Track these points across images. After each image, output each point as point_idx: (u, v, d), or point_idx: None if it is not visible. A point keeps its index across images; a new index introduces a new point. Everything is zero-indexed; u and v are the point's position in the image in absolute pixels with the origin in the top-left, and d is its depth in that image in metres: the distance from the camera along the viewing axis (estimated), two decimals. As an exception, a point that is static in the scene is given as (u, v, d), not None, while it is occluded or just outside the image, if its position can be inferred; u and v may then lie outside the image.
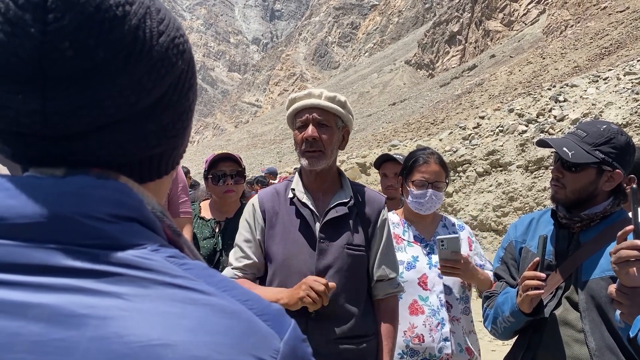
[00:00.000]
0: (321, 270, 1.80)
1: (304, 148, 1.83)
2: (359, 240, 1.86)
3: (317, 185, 1.90)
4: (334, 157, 1.88)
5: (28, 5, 0.43)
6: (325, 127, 1.83)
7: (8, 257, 0.43)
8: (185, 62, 0.53)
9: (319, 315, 1.75)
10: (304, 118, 1.83)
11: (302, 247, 1.83)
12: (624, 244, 1.43)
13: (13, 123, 0.46)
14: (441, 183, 2.31)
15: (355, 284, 1.84)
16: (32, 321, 0.41)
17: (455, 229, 2.38)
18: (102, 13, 0.45)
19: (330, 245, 1.83)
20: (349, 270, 1.82)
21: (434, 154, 2.36)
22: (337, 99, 1.85)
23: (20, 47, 0.43)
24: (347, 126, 1.91)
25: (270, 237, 1.88)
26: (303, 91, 1.90)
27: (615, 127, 1.72)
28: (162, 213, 0.53)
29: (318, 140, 1.81)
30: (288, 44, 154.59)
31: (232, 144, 73.14)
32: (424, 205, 2.30)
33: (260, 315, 0.47)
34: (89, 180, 0.48)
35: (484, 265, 2.31)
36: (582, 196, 1.71)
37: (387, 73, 78.44)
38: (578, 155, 1.67)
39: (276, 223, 1.88)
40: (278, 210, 1.90)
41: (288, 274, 1.81)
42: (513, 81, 31.54)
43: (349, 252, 1.83)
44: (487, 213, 10.56)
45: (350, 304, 1.81)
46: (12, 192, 0.45)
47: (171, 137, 0.54)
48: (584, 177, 1.69)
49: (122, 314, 0.42)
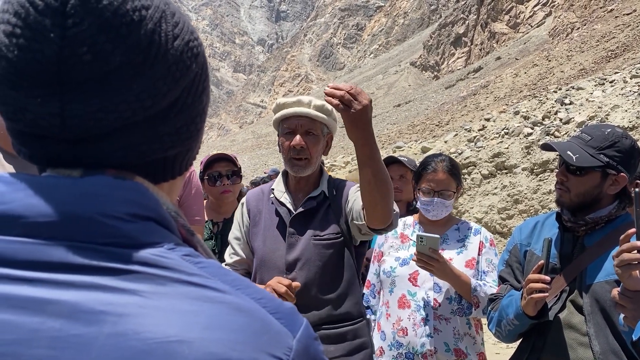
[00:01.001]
0: (290, 262, 1.88)
1: (291, 155, 1.89)
2: (330, 230, 1.90)
3: (300, 187, 1.99)
4: (318, 163, 1.95)
5: (48, 11, 0.44)
6: (312, 135, 1.89)
7: (29, 255, 0.44)
8: (199, 65, 0.54)
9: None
10: (292, 125, 1.89)
11: (279, 243, 1.92)
12: (626, 246, 1.43)
13: (32, 125, 0.47)
14: (448, 192, 2.33)
15: (328, 274, 1.88)
16: (51, 317, 0.41)
17: (467, 232, 2.39)
18: (120, 18, 0.46)
19: (298, 239, 1.90)
20: (319, 261, 1.87)
21: (444, 161, 2.37)
22: (324, 108, 1.88)
23: (40, 51, 0.44)
24: (331, 132, 1.98)
25: (254, 234, 2.00)
26: (292, 98, 1.93)
27: (620, 131, 1.73)
28: (177, 213, 0.54)
29: (305, 149, 1.87)
30: (293, 45, 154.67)
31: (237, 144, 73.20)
32: (430, 212, 2.35)
33: (273, 313, 0.48)
34: (107, 181, 0.48)
35: (487, 272, 2.30)
36: (587, 200, 1.71)
37: (392, 74, 78.36)
38: (582, 158, 1.67)
39: (259, 221, 2.00)
40: (261, 208, 2.01)
41: (266, 269, 1.92)
42: (519, 83, 31.45)
43: (316, 243, 1.88)
44: (492, 215, 10.54)
45: (322, 294, 1.87)
46: (32, 191, 0.46)
47: (185, 139, 0.55)
48: (589, 181, 1.70)
49: (140, 311, 0.43)
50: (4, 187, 0.47)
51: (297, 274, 1.87)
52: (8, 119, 0.49)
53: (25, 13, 0.45)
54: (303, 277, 1.86)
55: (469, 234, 2.38)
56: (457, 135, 14.18)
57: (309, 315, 1.81)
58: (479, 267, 2.31)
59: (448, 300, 2.25)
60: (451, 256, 2.29)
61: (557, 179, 1.78)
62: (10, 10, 0.46)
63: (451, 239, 2.38)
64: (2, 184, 0.47)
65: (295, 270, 1.88)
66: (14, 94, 0.46)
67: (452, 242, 2.37)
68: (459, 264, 2.26)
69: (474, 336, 2.27)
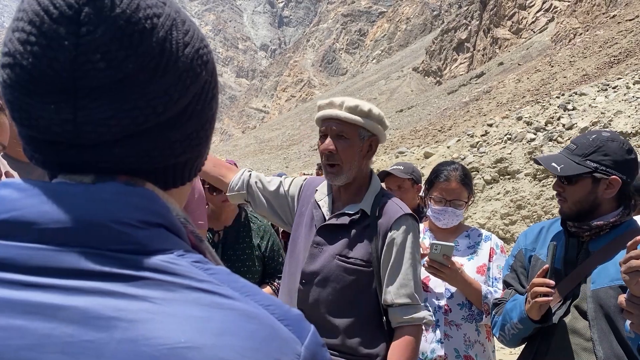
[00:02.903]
0: (307, 274, 1.76)
1: (323, 160, 1.79)
2: (359, 254, 1.73)
3: (339, 195, 1.85)
4: (355, 169, 1.78)
5: (62, 19, 0.45)
6: (344, 139, 1.75)
7: (41, 261, 0.45)
8: (208, 73, 0.55)
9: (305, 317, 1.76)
10: (323, 128, 1.78)
11: (301, 246, 1.82)
12: (634, 253, 1.43)
13: (46, 131, 0.48)
14: (460, 201, 2.32)
15: (344, 298, 1.72)
16: (63, 323, 0.42)
17: (478, 239, 2.39)
18: (132, 26, 0.47)
19: (322, 251, 1.77)
20: (336, 282, 1.72)
21: (457, 170, 2.35)
22: (359, 109, 1.73)
23: (55, 59, 0.45)
24: (375, 135, 1.80)
25: (296, 224, 1.89)
26: (326, 99, 1.82)
27: (606, 135, 1.73)
28: (186, 219, 0.55)
29: (334, 153, 1.74)
30: (296, 51, 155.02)
31: (239, 149, 73.26)
32: (441, 220, 2.34)
33: (281, 320, 0.48)
34: (118, 187, 0.49)
35: (498, 278, 2.29)
36: (585, 207, 1.73)
37: (395, 80, 78.43)
38: (567, 168, 1.71)
39: (304, 212, 1.88)
40: (309, 203, 1.89)
41: (292, 267, 1.84)
42: (521, 89, 31.45)
43: (339, 263, 1.73)
44: (494, 221, 10.52)
45: (333, 316, 1.72)
46: (45, 198, 0.47)
47: (195, 146, 0.56)
48: (581, 188, 1.72)
49: (150, 316, 0.43)
50: (17, 194, 0.48)
51: (310, 287, 1.76)
52: (22, 125, 0.50)
53: (40, 21, 0.46)
54: (317, 293, 1.74)
55: (479, 241, 2.38)
56: (460, 140, 14.19)
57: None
58: (489, 273, 2.30)
59: (459, 307, 2.24)
60: (462, 263, 2.29)
61: (554, 190, 1.81)
62: (24, 18, 0.47)
63: (461, 246, 2.37)
64: (15, 190, 0.48)
65: (311, 284, 1.76)
66: (28, 100, 0.47)
67: (463, 248, 2.36)
68: (470, 271, 2.26)
69: (484, 343, 2.27)
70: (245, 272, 2.59)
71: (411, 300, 1.72)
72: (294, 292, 1.80)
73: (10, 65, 0.47)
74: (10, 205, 0.47)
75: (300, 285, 1.77)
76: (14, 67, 0.47)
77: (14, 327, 0.42)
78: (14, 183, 0.49)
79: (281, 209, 1.94)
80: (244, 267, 2.61)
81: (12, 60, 0.47)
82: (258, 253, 2.66)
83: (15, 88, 0.48)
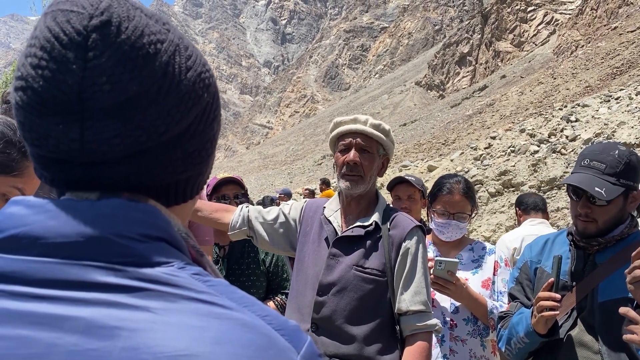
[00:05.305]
0: (325, 286, 1.81)
1: (344, 171, 1.87)
2: (375, 264, 1.80)
3: (350, 209, 1.93)
4: (372, 182, 1.90)
5: (71, 45, 0.48)
6: (367, 153, 1.87)
7: (47, 273, 0.47)
8: (210, 95, 0.58)
9: (318, 330, 1.78)
10: (347, 142, 1.88)
11: (316, 260, 1.87)
12: (638, 263, 1.42)
13: (53, 150, 0.51)
14: (464, 214, 2.31)
15: (361, 307, 1.78)
16: (68, 332, 0.44)
17: (482, 252, 2.37)
18: (137, 51, 0.50)
19: (338, 262, 1.83)
20: (354, 292, 1.78)
21: (460, 183, 2.34)
22: (381, 127, 1.88)
23: (63, 82, 0.48)
24: (388, 154, 1.95)
25: (301, 243, 1.96)
26: (349, 116, 1.93)
27: (624, 148, 1.73)
28: (187, 234, 0.58)
29: (359, 165, 1.84)
30: (299, 67, 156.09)
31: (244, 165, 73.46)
32: (445, 234, 2.33)
33: (278, 330, 0.49)
34: (121, 203, 0.52)
35: (503, 292, 2.27)
36: (613, 223, 1.72)
37: (398, 94, 78.75)
38: (609, 191, 1.66)
39: (309, 232, 1.95)
40: (315, 221, 1.97)
41: (302, 283, 1.88)
42: (524, 101, 31.50)
43: (356, 273, 1.79)
44: (499, 234, 10.46)
45: (350, 324, 1.76)
46: (52, 214, 0.50)
47: (197, 164, 0.58)
48: (614, 207, 1.70)
49: (151, 326, 0.45)
50: (25, 210, 0.51)
51: (328, 298, 1.80)
52: (33, 145, 0.52)
53: (50, 47, 0.49)
54: (334, 303, 1.78)
55: (483, 254, 2.36)
56: (464, 153, 14.19)
57: (330, 344, 1.75)
58: (494, 287, 2.29)
59: (464, 322, 2.23)
60: (466, 277, 2.27)
61: (581, 211, 1.73)
62: (36, 44, 0.50)
63: (465, 260, 2.35)
64: (24, 207, 0.51)
65: (328, 295, 1.80)
66: (39, 121, 0.50)
67: (467, 262, 2.35)
68: (474, 285, 2.24)
69: (490, 358, 2.24)
70: (250, 286, 2.60)
71: (425, 307, 1.80)
72: (304, 308, 1.83)
73: (23, 88, 0.50)
74: (20, 221, 0.50)
75: (317, 297, 1.81)
76: (26, 90, 0.50)
77: (22, 337, 0.44)
78: (24, 200, 0.52)
79: (285, 233, 2.01)
80: (249, 281, 2.62)
81: (25, 83, 0.50)
82: (263, 268, 2.67)
83: (27, 109, 0.50)
